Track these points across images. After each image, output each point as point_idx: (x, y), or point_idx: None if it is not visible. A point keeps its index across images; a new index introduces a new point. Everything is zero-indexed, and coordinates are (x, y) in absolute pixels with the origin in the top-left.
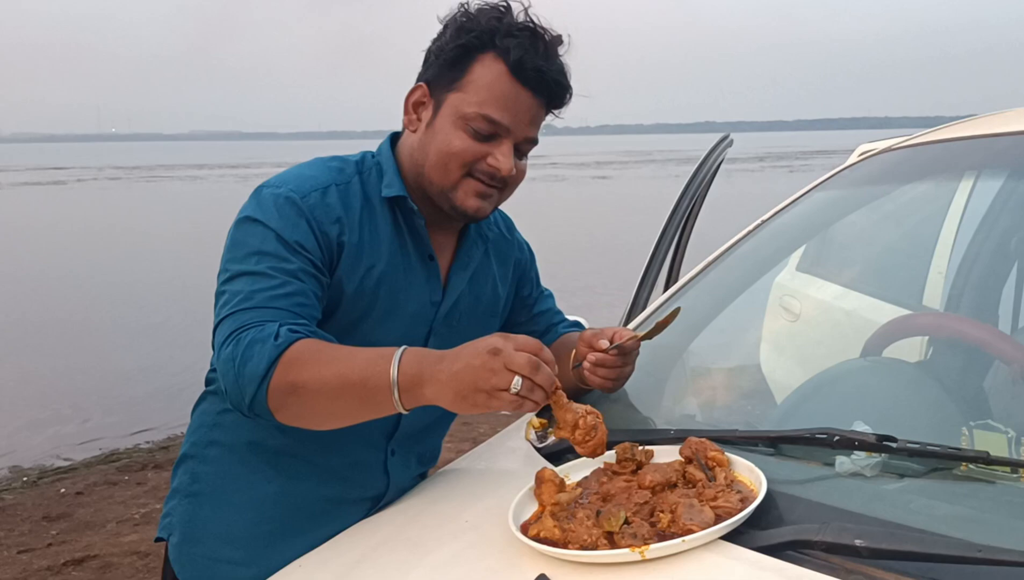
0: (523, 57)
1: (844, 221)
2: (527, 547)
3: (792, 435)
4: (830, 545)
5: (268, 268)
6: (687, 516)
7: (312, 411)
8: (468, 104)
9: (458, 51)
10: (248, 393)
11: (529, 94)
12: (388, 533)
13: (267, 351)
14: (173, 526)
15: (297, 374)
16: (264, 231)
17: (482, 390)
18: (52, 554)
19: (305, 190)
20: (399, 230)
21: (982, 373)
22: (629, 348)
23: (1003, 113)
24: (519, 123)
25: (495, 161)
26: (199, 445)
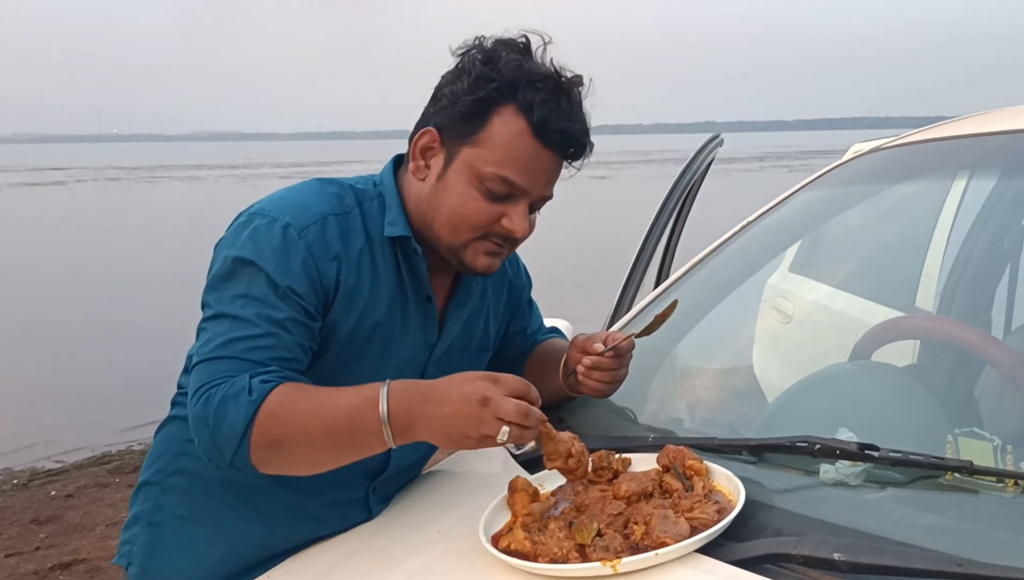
0: (548, 117)
1: (835, 222)
2: (497, 559)
3: (772, 443)
4: (808, 559)
5: (254, 315)
6: (661, 528)
7: (298, 461)
8: (485, 163)
9: (477, 104)
10: (227, 452)
11: (550, 153)
12: (357, 543)
13: (241, 408)
14: (133, 555)
15: (279, 429)
16: (255, 273)
17: (471, 437)
18: (40, 558)
19: (303, 223)
20: (399, 271)
21: (971, 378)
22: (624, 349)
23: (996, 112)
24: (537, 184)
25: (509, 223)
26: (163, 472)
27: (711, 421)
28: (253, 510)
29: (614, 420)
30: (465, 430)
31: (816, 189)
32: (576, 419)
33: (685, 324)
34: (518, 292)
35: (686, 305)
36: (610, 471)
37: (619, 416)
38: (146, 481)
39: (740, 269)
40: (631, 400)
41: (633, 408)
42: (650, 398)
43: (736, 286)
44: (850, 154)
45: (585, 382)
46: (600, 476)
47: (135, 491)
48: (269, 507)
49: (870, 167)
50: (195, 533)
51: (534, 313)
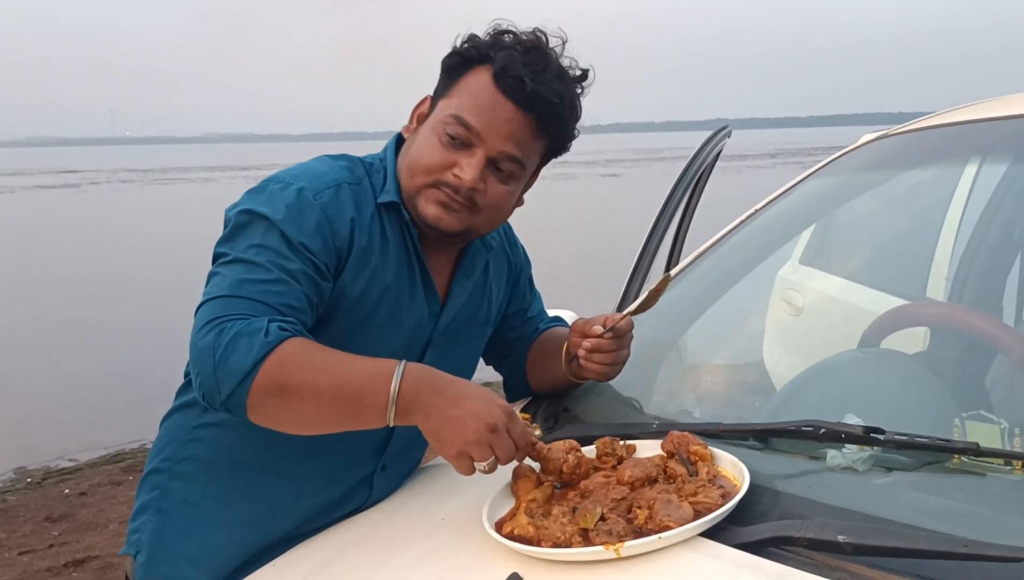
0: (507, 65)
1: (845, 211)
2: (501, 545)
3: (777, 428)
4: (812, 541)
5: (267, 261)
6: (664, 512)
7: (293, 415)
8: (448, 107)
9: (455, 59)
10: (226, 387)
11: (511, 105)
12: (361, 531)
13: (255, 347)
14: (141, 543)
15: (288, 376)
16: (268, 226)
17: (457, 449)
18: (53, 555)
19: (318, 187)
20: (404, 238)
21: (979, 363)
22: (624, 329)
23: (1006, 97)
24: (494, 133)
25: (460, 171)
26: (171, 460)
27: (718, 412)
28: (261, 492)
29: (620, 409)
30: (456, 440)
31: (824, 177)
32: (581, 407)
33: (692, 313)
34: (517, 270)
35: (693, 294)
36: (614, 457)
37: (625, 405)
38: (153, 469)
39: (748, 258)
40: (637, 389)
41: (639, 397)
42: (657, 388)
43: (744, 275)
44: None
45: (587, 365)
46: (604, 462)
47: (142, 481)
48: (276, 487)
49: (879, 154)
50: (202, 519)
51: (535, 296)
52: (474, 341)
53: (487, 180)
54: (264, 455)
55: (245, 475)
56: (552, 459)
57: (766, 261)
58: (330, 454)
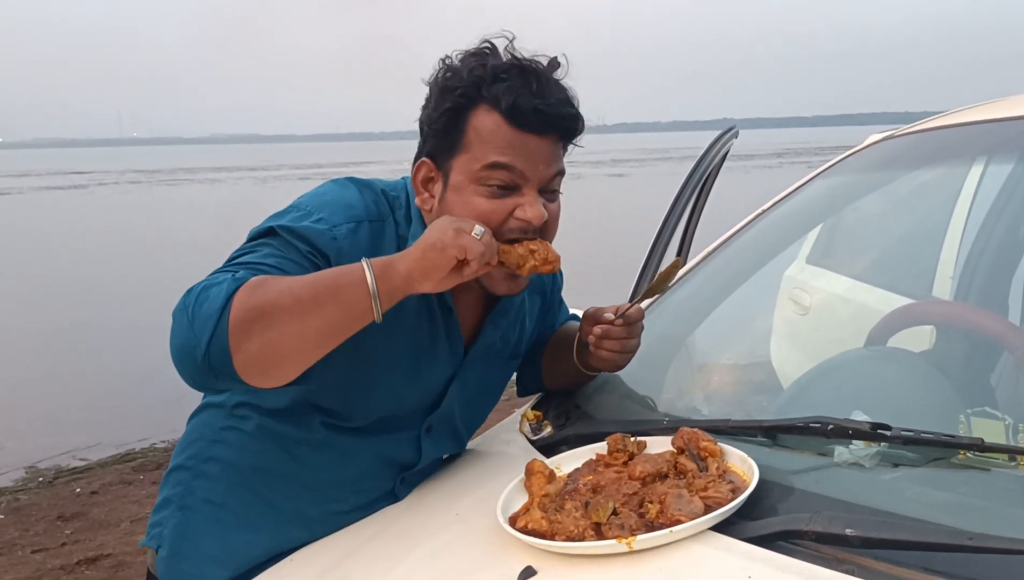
0: (516, 101)
1: (851, 211)
2: (514, 539)
3: (786, 424)
4: (821, 535)
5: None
6: (676, 507)
7: (279, 337)
8: (475, 161)
9: (448, 115)
10: (204, 334)
11: (535, 137)
12: (378, 526)
13: (224, 287)
14: (163, 537)
15: (262, 296)
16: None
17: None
18: (66, 553)
19: (337, 220)
20: None
21: (985, 361)
22: (634, 317)
23: (1012, 98)
24: (534, 168)
25: (523, 213)
26: (197, 458)
27: (727, 410)
28: (282, 500)
29: (630, 406)
30: (443, 251)
31: (830, 177)
32: (592, 405)
33: (701, 312)
34: (549, 294)
35: (702, 293)
36: (625, 453)
37: (635, 402)
38: (178, 466)
39: (755, 258)
40: (647, 387)
41: (649, 395)
42: (666, 386)
43: (752, 275)
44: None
45: (597, 353)
46: (616, 458)
47: (166, 475)
48: (297, 498)
49: (885, 155)
50: (225, 519)
51: (562, 310)
52: (499, 374)
53: (546, 207)
54: (287, 464)
55: (268, 481)
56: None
57: (773, 261)
58: (354, 467)
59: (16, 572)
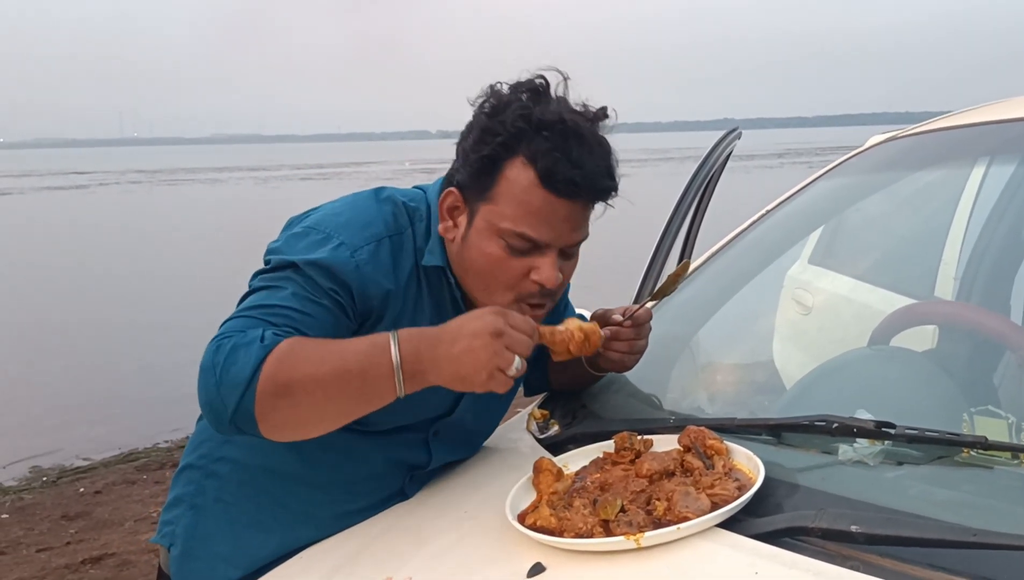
0: (554, 167)
1: (854, 212)
2: (523, 536)
3: (791, 423)
4: (826, 531)
5: (291, 293)
6: (683, 504)
7: (302, 413)
8: (502, 218)
9: (485, 161)
10: (231, 401)
11: (565, 203)
12: (386, 524)
13: (252, 353)
14: (175, 536)
15: (289, 372)
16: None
17: (484, 370)
18: (70, 552)
19: (357, 243)
20: (442, 296)
21: (987, 360)
22: (642, 318)
23: (1014, 99)
24: (559, 234)
25: (538, 275)
26: (208, 458)
27: (731, 409)
28: (292, 500)
29: (636, 406)
30: (476, 365)
31: (833, 178)
32: (599, 404)
33: (705, 312)
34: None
35: (705, 294)
36: (632, 451)
37: (641, 401)
38: (189, 464)
39: (759, 258)
40: (652, 386)
41: (655, 394)
42: (671, 386)
43: (755, 275)
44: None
45: (605, 354)
46: (623, 456)
47: (177, 474)
48: (307, 498)
49: (888, 156)
50: (236, 518)
51: (568, 312)
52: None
53: (561, 266)
54: (297, 464)
55: (278, 481)
56: (559, 340)
57: (776, 261)
58: (364, 468)
59: (21, 571)
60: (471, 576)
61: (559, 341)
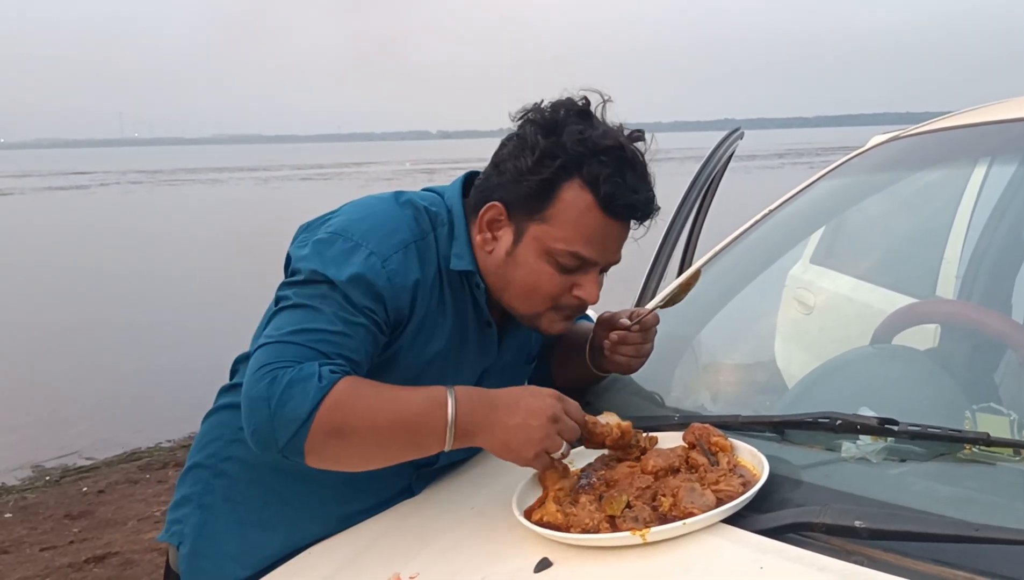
0: (615, 193)
1: (855, 211)
2: (530, 532)
3: (795, 419)
4: (830, 527)
5: (330, 311)
6: (688, 500)
7: (352, 455)
8: (555, 239)
9: (543, 183)
10: (284, 435)
11: (617, 224)
12: (393, 521)
13: (310, 393)
14: (184, 535)
15: (345, 417)
16: (334, 289)
17: (531, 449)
18: (74, 551)
19: (387, 252)
20: (463, 299)
21: (989, 359)
22: (650, 323)
23: (1015, 99)
24: (607, 253)
25: (582, 292)
26: (216, 457)
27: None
28: (300, 498)
29: (641, 404)
30: (529, 441)
31: (835, 178)
32: (604, 402)
33: (708, 311)
34: None
35: (708, 293)
36: (638, 448)
37: (645, 400)
38: (197, 463)
39: (761, 257)
40: (656, 385)
41: (659, 393)
42: (674, 385)
43: (757, 275)
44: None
45: (612, 357)
46: (628, 453)
47: (184, 473)
48: (315, 496)
49: (889, 156)
50: (244, 517)
51: None
52: (519, 374)
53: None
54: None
55: (286, 480)
56: (598, 432)
57: (778, 261)
58: None
59: (25, 569)
60: (478, 572)
61: (598, 433)
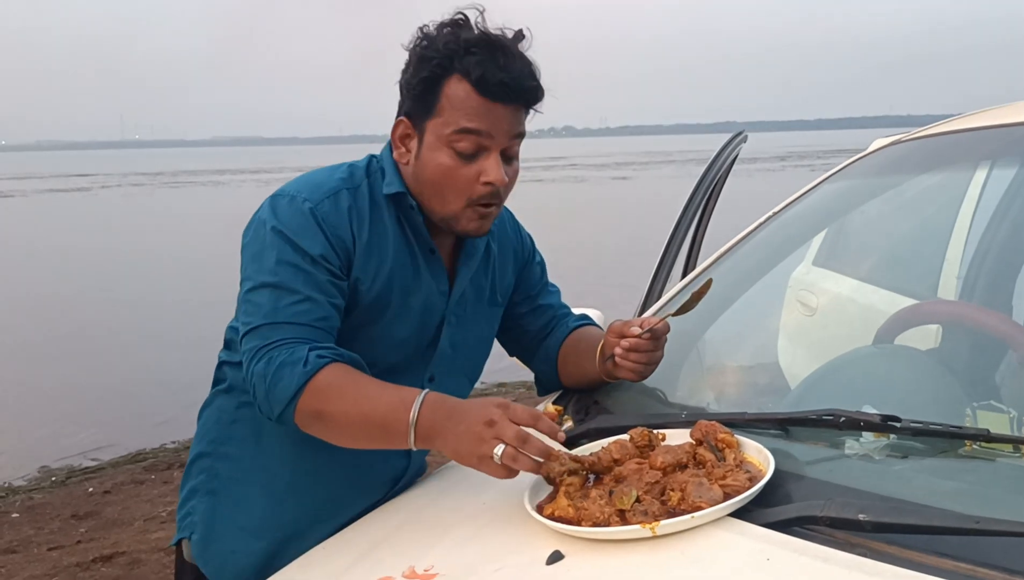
0: (484, 74)
1: (858, 214)
2: (542, 525)
3: (799, 417)
4: (834, 520)
5: (289, 280)
6: (697, 494)
7: (332, 436)
8: (446, 126)
9: (425, 83)
10: (276, 410)
11: (500, 105)
12: (407, 515)
13: (296, 376)
14: (194, 524)
15: (323, 404)
16: (283, 242)
17: (473, 454)
18: (81, 551)
19: (318, 198)
20: (402, 227)
21: (990, 358)
22: (660, 331)
23: (1016, 104)
24: (499, 132)
25: (487, 177)
26: (217, 442)
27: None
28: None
29: (647, 402)
30: (469, 448)
31: (838, 181)
32: (611, 400)
33: (712, 313)
34: (524, 256)
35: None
36: (649, 448)
37: (652, 398)
38: (199, 454)
39: (765, 260)
40: (662, 385)
41: (666, 392)
42: (680, 385)
43: (761, 277)
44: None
45: (623, 364)
46: (642, 452)
47: (187, 468)
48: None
49: (892, 159)
50: (251, 492)
51: (547, 288)
52: (485, 321)
53: (505, 172)
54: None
55: (288, 445)
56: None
57: (782, 263)
58: None
59: (33, 569)
60: (492, 564)
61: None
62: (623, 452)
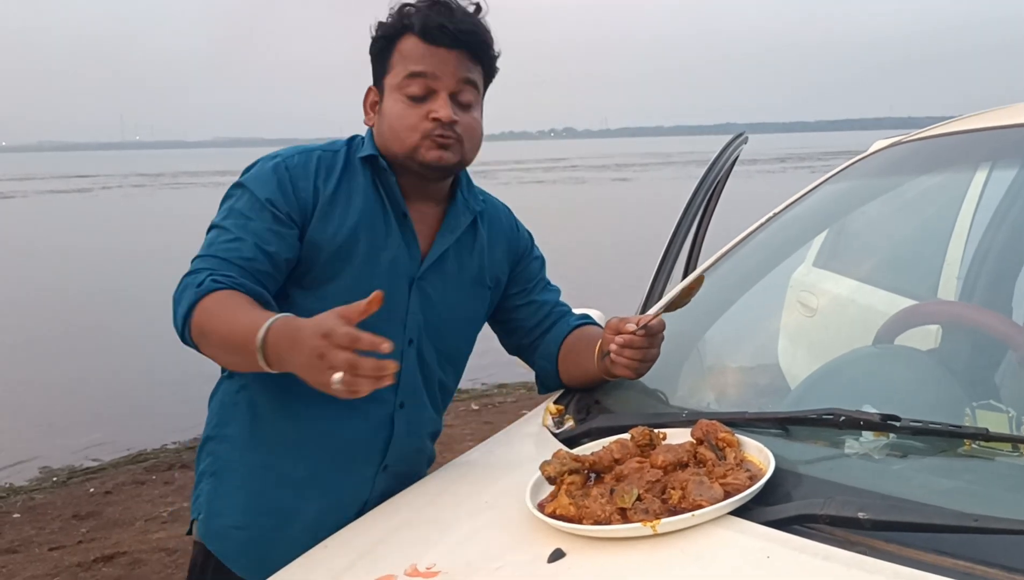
0: (426, 21)
1: (859, 215)
2: (544, 523)
3: (800, 416)
4: (834, 518)
5: (232, 224)
6: (697, 492)
7: (213, 353)
8: (397, 76)
9: (380, 43)
10: (178, 329)
11: (444, 49)
12: (408, 515)
13: (189, 298)
14: (201, 506)
15: (202, 325)
16: (242, 192)
17: (318, 384)
18: (82, 551)
19: (290, 153)
20: (376, 188)
21: (989, 358)
22: (655, 328)
23: (1017, 105)
24: (445, 74)
25: (435, 113)
26: (220, 425)
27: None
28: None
29: (648, 402)
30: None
31: (839, 182)
32: (611, 400)
33: (713, 314)
34: (520, 249)
35: (713, 296)
36: (650, 447)
37: (653, 398)
38: (206, 438)
39: (765, 261)
40: (663, 384)
41: (666, 392)
42: (680, 385)
43: (761, 278)
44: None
45: (618, 361)
46: (645, 452)
47: (198, 455)
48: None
49: (892, 160)
50: (243, 471)
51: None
52: (468, 298)
53: (457, 113)
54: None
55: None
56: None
57: (783, 264)
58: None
59: (35, 568)
60: (494, 562)
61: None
62: (624, 451)
